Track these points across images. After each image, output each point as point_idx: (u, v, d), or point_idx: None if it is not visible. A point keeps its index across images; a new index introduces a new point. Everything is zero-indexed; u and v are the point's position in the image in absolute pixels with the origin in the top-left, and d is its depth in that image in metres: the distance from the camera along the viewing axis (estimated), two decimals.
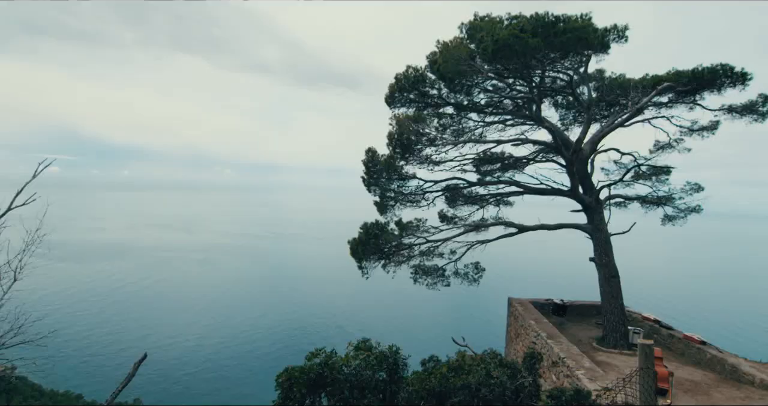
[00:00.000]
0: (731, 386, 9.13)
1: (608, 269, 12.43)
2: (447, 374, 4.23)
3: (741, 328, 34.22)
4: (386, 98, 12.87)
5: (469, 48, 11.58)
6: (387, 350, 4.20)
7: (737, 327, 34.31)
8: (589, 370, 8.92)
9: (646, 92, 12.59)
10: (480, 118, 13.78)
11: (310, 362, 4.41)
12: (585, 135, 12.91)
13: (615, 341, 11.84)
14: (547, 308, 14.81)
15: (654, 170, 14.70)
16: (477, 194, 14.94)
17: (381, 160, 12.34)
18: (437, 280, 14.09)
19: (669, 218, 14.82)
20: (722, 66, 11.94)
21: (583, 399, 4.09)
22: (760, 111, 12.34)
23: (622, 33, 11.98)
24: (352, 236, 12.97)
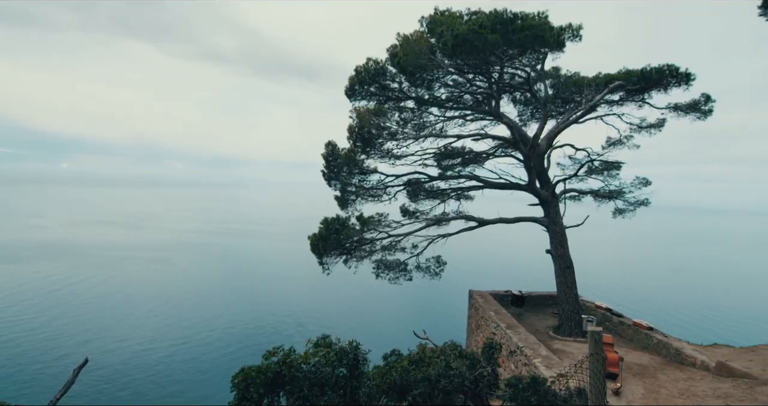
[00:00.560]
0: (675, 368, 9.70)
1: (563, 261, 12.89)
2: (408, 368, 4.17)
3: (685, 314, 36.69)
4: (346, 91, 12.69)
5: (430, 42, 11.59)
6: (347, 345, 4.08)
7: (681, 313, 36.76)
8: (545, 358, 9.19)
9: (598, 90, 13.12)
10: (441, 112, 13.89)
11: (268, 361, 4.22)
12: (542, 131, 13.29)
13: (570, 330, 12.30)
14: (507, 299, 15.19)
15: (606, 165, 15.41)
16: (438, 189, 15.09)
17: (341, 154, 12.16)
18: (399, 274, 14.12)
19: (620, 211, 15.58)
20: (668, 66, 12.62)
21: (538, 386, 4.15)
22: (703, 109, 13.17)
23: (577, 32, 12.37)
24: (314, 231, 12.75)
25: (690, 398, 7.90)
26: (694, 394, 8.06)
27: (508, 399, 4.54)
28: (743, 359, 9.59)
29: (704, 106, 13.04)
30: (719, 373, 8.91)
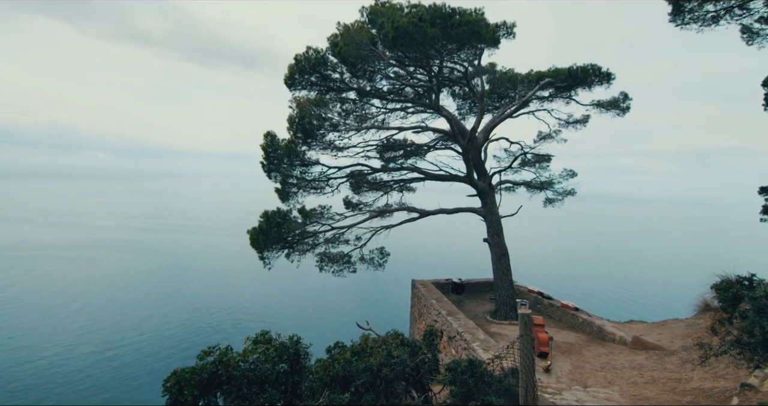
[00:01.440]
0: (598, 345, 10.58)
1: (499, 249, 13.53)
2: (350, 359, 4.18)
3: (605, 294, 40.11)
4: (286, 80, 12.32)
5: (371, 33, 11.53)
6: (288, 341, 4.00)
7: (603, 293, 40.14)
8: (483, 341, 9.65)
9: (530, 87, 13.84)
10: (382, 104, 13.93)
11: (203, 362, 4.04)
12: (479, 124, 13.79)
13: (506, 313, 12.98)
14: (447, 287, 15.69)
15: (537, 158, 16.35)
16: (381, 181, 15.19)
17: (281, 145, 11.82)
18: (343, 267, 14.10)
19: (550, 201, 16.63)
20: (592, 66, 13.58)
21: (475, 368, 4.35)
22: (622, 106, 14.34)
23: (511, 30, 12.92)
24: (253, 225, 12.34)
25: (610, 371, 8.66)
26: (614, 367, 8.86)
27: (447, 383, 4.72)
28: (655, 333, 10.68)
29: (623, 104, 14.21)
30: (635, 347, 9.85)
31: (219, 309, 32.11)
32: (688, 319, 11.42)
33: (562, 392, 6.91)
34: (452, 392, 4.57)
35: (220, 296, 35.71)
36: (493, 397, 4.18)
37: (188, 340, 26.00)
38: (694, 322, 10.81)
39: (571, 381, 8.27)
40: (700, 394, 6.42)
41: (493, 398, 4.12)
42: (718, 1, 9.20)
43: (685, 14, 9.53)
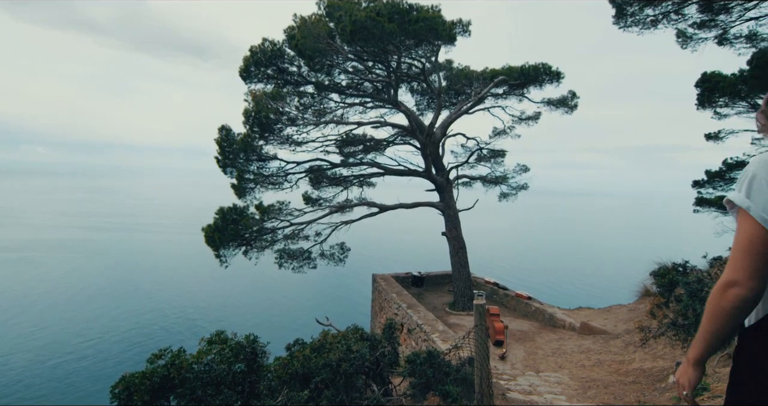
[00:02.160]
0: (549, 331, 11.11)
1: (457, 242, 13.86)
2: (309, 355, 4.17)
3: (555, 282, 42.08)
4: (241, 72, 11.95)
5: (329, 26, 11.40)
6: (244, 340, 3.92)
7: (554, 283, 42.10)
8: (442, 333, 9.87)
9: (485, 84, 14.19)
10: (341, 99, 13.83)
11: (153, 365, 3.89)
12: (436, 120, 14.00)
13: (464, 305, 13.34)
14: (407, 280, 15.91)
15: (492, 153, 16.84)
16: (341, 176, 15.11)
17: (237, 140, 11.47)
18: (303, 263, 13.96)
19: (504, 195, 17.19)
20: (543, 65, 14.10)
21: (434, 359, 4.46)
22: (570, 104, 15.02)
23: (466, 27, 13.17)
24: (208, 222, 11.94)
25: (561, 356, 9.13)
26: (564, 352, 9.35)
27: (407, 374, 4.81)
28: (601, 319, 11.36)
29: (571, 102, 14.89)
30: (583, 332, 10.44)
31: (172, 310, 30.80)
32: (630, 304, 12.24)
33: (516, 378, 7.23)
34: (411, 383, 4.67)
35: (174, 296, 34.27)
36: (451, 386, 4.31)
37: (139, 344, 24.78)
38: (635, 307, 11.60)
39: (524, 367, 8.65)
40: (641, 374, 6.91)
41: (451, 387, 4.25)
42: (656, 6, 9.81)
43: (627, 17, 10.11)
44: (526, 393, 5.76)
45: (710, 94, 13.44)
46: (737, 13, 9.67)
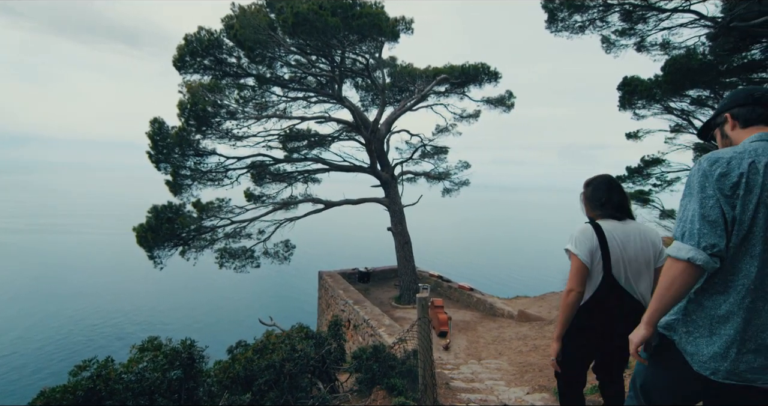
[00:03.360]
0: (490, 320, 11.62)
1: (402, 237, 14.06)
2: (252, 357, 4.04)
3: (494, 273, 44.08)
4: (175, 62, 11.24)
5: (269, 17, 11.03)
6: (180, 345, 3.72)
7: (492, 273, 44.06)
8: (388, 327, 9.99)
9: (428, 82, 14.46)
10: (284, 93, 13.46)
11: (77, 378, 3.58)
12: (381, 116, 14.07)
13: (410, 298, 13.58)
14: (354, 276, 15.91)
15: (436, 150, 17.25)
16: (284, 172, 14.75)
17: (171, 134, 10.80)
18: (246, 262, 13.49)
19: (447, 191, 17.69)
20: (482, 64, 14.61)
21: (380, 354, 4.50)
22: (507, 103, 15.70)
23: (409, 25, 13.33)
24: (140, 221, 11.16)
25: (500, 343, 9.59)
26: (503, 339, 9.82)
27: (353, 370, 4.82)
28: (536, 306, 12.05)
29: (508, 101, 15.59)
30: (520, 319, 11.02)
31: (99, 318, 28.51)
32: (561, 292, 13.11)
33: (459, 366, 7.48)
34: (358, 378, 4.68)
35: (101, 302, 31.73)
36: (396, 379, 4.37)
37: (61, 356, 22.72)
38: None
39: (467, 356, 8.98)
40: None
41: (396, 380, 4.31)
42: (583, 13, 10.50)
43: (558, 23, 10.73)
44: (468, 381, 5.98)
45: (630, 96, 14.67)
46: (653, 23, 10.61)
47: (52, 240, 54.48)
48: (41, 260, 43.64)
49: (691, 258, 1.33)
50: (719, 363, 1.37)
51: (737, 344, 1.34)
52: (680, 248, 1.37)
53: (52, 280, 36.63)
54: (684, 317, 1.47)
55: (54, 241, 54.11)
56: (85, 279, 37.39)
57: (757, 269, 1.31)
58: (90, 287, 35.27)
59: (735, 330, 1.35)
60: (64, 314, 28.72)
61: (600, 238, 2.11)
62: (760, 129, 1.45)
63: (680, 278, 1.37)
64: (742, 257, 1.34)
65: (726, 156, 1.36)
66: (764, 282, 1.32)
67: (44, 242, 52.79)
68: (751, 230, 1.31)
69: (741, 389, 1.36)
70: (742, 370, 1.34)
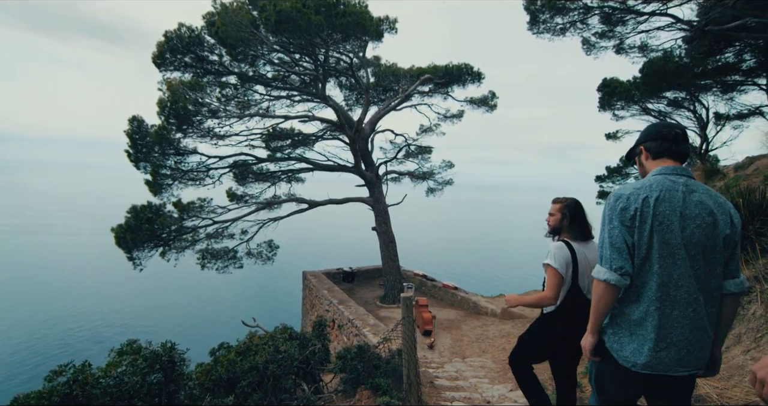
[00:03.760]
0: (474, 319, 11.71)
1: (387, 236, 14.07)
2: (234, 359, 3.98)
3: (478, 272, 44.50)
4: (155, 59, 11.00)
5: (252, 15, 10.89)
6: (160, 348, 3.64)
7: (477, 272, 44.47)
8: (373, 326, 9.99)
9: (412, 81, 14.50)
10: (267, 91, 13.31)
11: (53, 383, 3.47)
12: (365, 116, 14.03)
13: (394, 298, 13.60)
14: (339, 276, 15.86)
15: (420, 150, 17.31)
16: (268, 171, 14.60)
17: (151, 132, 10.57)
18: (229, 263, 13.30)
19: (431, 190, 17.77)
20: (465, 65, 14.71)
21: (364, 353, 4.49)
22: (490, 104, 15.85)
23: (393, 25, 13.35)
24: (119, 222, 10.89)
25: (484, 341, 9.68)
26: (487, 337, 9.92)
27: (338, 371, 4.79)
28: None
29: (491, 101, 15.74)
30: (503, 317, 11.14)
31: (76, 321, 27.75)
32: None
33: (443, 365, 7.52)
34: (342, 379, 4.66)
35: (78, 305, 30.89)
36: (381, 378, 4.37)
37: (36, 361, 22.03)
38: None
39: (451, 354, 9.04)
40: None
41: (381, 380, 4.30)
42: (564, 15, 10.67)
43: (540, 24, 10.88)
44: (452, 379, 6.02)
45: (609, 97, 14.98)
46: (631, 26, 10.85)
47: (26, 242, 52.80)
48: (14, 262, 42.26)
49: (607, 279, 1.66)
50: (637, 358, 1.68)
51: (651, 342, 1.64)
52: (599, 271, 1.70)
53: (26, 282, 35.50)
54: (611, 322, 1.79)
55: (29, 242, 52.44)
56: (60, 281, 36.34)
57: (657, 283, 1.62)
58: (66, 289, 34.30)
59: (648, 331, 1.65)
60: (39, 317, 27.87)
61: (572, 255, 2.54)
62: (665, 162, 1.77)
63: (604, 295, 1.70)
64: (645, 274, 1.64)
65: (626, 193, 1.68)
66: (666, 293, 1.62)
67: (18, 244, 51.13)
68: (649, 253, 1.62)
69: (658, 377, 1.67)
70: (656, 363, 1.65)
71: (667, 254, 1.60)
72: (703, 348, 1.65)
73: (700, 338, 1.63)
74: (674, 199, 1.61)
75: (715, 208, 1.63)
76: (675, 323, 1.62)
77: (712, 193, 1.67)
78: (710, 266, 1.62)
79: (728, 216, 1.63)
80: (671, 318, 1.62)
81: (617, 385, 1.83)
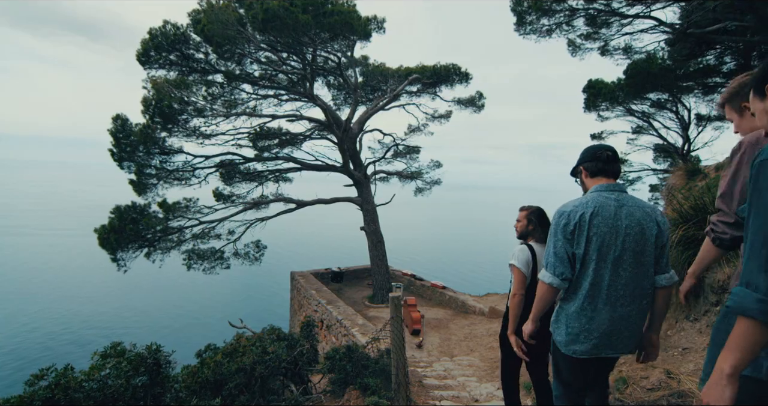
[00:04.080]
0: (462, 318, 11.78)
1: (375, 236, 14.07)
2: (221, 361, 3.93)
3: (466, 271, 44.74)
4: (139, 56, 10.82)
5: (239, 13, 10.79)
6: (145, 350, 3.58)
7: (465, 271, 44.71)
8: (362, 326, 9.98)
9: (400, 81, 14.51)
10: (254, 90, 13.19)
11: (34, 388, 3.39)
12: (353, 115, 14.01)
13: (383, 297, 13.60)
14: (327, 276, 15.80)
15: (408, 149, 17.33)
16: (255, 171, 14.48)
17: (135, 131, 10.40)
18: (215, 263, 13.16)
19: (419, 190, 17.80)
20: (453, 65, 14.79)
21: (353, 353, 4.48)
22: (477, 104, 15.95)
23: (381, 24, 13.33)
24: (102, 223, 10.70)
25: (472, 340, 9.74)
26: (475, 336, 9.98)
27: (327, 371, 4.78)
28: (506, 303, 12.33)
29: (478, 102, 15.85)
30: (491, 316, 11.22)
31: (58, 324, 27.13)
32: None
33: (432, 364, 7.55)
34: (331, 379, 4.64)
35: (59, 307, 30.22)
36: (370, 378, 4.36)
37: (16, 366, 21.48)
38: None
39: (440, 353, 9.08)
40: None
41: (370, 380, 4.30)
42: (550, 17, 10.78)
43: (526, 26, 10.98)
44: (441, 378, 6.04)
45: (594, 98, 15.19)
46: (616, 28, 11.03)
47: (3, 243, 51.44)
48: None
49: (551, 282, 1.98)
50: (574, 346, 2.00)
51: (584, 332, 1.96)
52: (545, 275, 2.02)
53: (3, 284, 34.60)
54: (555, 319, 2.11)
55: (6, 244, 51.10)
56: (40, 283, 35.49)
57: (590, 284, 1.92)
58: (47, 291, 33.50)
59: (581, 323, 1.97)
60: (18, 320, 27.17)
61: (532, 255, 2.89)
62: (600, 180, 2.06)
63: (546, 294, 2.04)
64: (581, 277, 1.95)
65: (568, 210, 1.97)
66: (598, 292, 1.92)
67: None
68: (585, 259, 1.92)
69: (593, 360, 2.02)
70: (589, 349, 1.97)
71: (600, 260, 1.91)
72: (631, 335, 1.97)
73: (627, 327, 1.94)
74: (607, 213, 1.91)
75: (643, 217, 1.92)
76: (604, 316, 1.93)
77: (640, 204, 1.97)
78: (641, 268, 1.92)
79: (655, 223, 1.94)
80: (601, 312, 1.93)
81: (568, 371, 2.15)
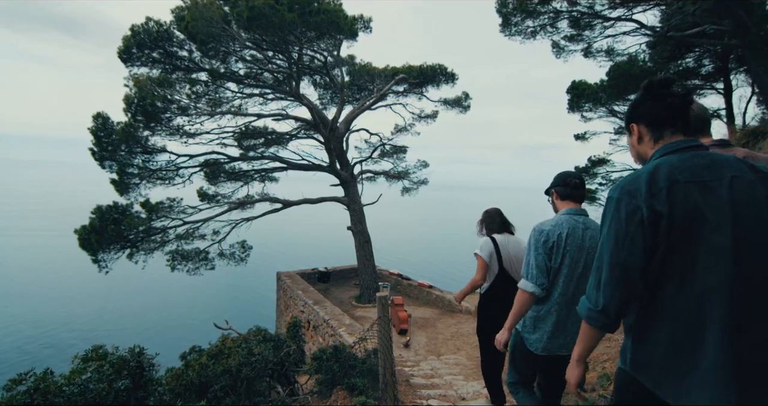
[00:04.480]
0: (449, 317, 11.84)
1: (362, 236, 14.05)
2: (206, 363, 3.88)
3: (451, 271, 44.99)
4: (120, 53, 10.60)
5: (223, 10, 10.65)
6: (128, 353, 3.51)
7: (451, 270, 44.95)
8: (348, 326, 9.96)
9: (387, 81, 14.52)
10: (239, 89, 13.04)
11: (11, 393, 3.31)
12: (340, 115, 13.97)
13: (370, 297, 13.59)
14: (314, 276, 15.71)
15: (395, 149, 17.35)
16: (240, 170, 14.33)
17: (117, 130, 10.18)
18: (200, 264, 12.97)
19: (406, 190, 17.83)
20: (439, 65, 14.84)
21: (340, 353, 4.47)
22: (464, 105, 16.04)
23: (368, 24, 13.32)
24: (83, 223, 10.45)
25: (459, 339, 9.81)
26: (461, 334, 10.06)
27: (313, 372, 4.75)
28: None
29: (464, 102, 15.94)
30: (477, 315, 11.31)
31: (37, 327, 26.45)
32: None
33: (419, 363, 7.57)
34: (318, 380, 4.62)
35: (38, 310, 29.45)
36: (357, 378, 4.35)
37: None
38: None
39: (427, 352, 9.12)
40: None
41: (357, 380, 4.29)
42: (535, 19, 10.92)
43: (511, 27, 11.10)
44: (428, 377, 6.06)
45: (578, 99, 15.43)
46: (598, 30, 11.22)
47: None
48: None
49: (533, 291, 2.24)
50: (539, 344, 2.32)
51: (549, 332, 2.29)
52: (526, 284, 2.25)
53: None
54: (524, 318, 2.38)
55: None
56: (18, 285, 34.53)
57: (558, 293, 2.25)
58: (24, 293, 32.62)
59: (547, 325, 2.29)
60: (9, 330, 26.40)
61: (495, 246, 3.31)
62: (569, 204, 2.38)
63: (526, 302, 2.28)
64: (555, 284, 2.26)
65: (546, 229, 2.28)
66: (563, 299, 2.25)
67: None
68: (559, 271, 2.24)
69: (553, 357, 2.32)
70: (551, 347, 2.30)
71: (569, 273, 2.24)
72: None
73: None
74: (576, 235, 2.25)
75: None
76: (565, 320, 2.27)
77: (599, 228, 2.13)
78: None
79: None
80: (564, 317, 2.26)
81: (525, 363, 2.49)
